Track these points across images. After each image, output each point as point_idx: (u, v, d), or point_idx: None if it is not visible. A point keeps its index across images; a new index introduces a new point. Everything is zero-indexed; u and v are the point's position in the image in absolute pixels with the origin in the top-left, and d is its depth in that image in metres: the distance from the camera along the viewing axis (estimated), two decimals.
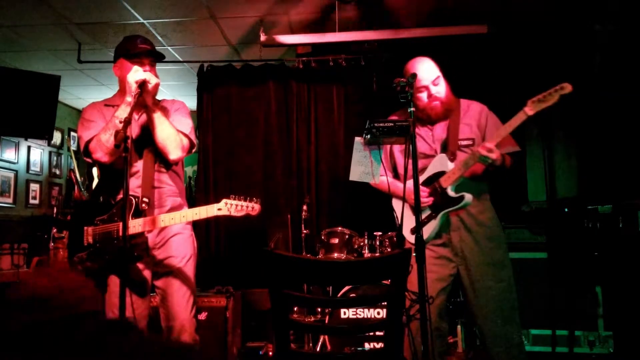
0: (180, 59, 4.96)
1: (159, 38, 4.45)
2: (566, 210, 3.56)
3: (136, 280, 2.21)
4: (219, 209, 2.08)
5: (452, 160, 2.27)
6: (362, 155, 2.32)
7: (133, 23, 4.12)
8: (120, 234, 2.08)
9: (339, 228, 3.53)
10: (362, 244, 3.50)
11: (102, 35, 4.37)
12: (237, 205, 2.08)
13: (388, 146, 2.48)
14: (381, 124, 2.06)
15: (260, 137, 4.45)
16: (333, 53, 4.33)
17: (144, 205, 2.12)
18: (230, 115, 4.51)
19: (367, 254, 3.46)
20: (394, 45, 4.21)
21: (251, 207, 2.09)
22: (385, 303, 2.28)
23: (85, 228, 2.17)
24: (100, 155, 2.11)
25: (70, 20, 4.10)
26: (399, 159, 2.46)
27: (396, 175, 2.50)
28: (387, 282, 2.35)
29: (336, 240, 3.47)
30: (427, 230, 2.27)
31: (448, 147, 2.31)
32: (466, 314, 3.37)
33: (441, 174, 2.27)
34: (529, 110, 2.11)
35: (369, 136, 2.11)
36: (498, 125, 2.34)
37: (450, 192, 2.24)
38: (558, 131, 3.91)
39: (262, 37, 4.08)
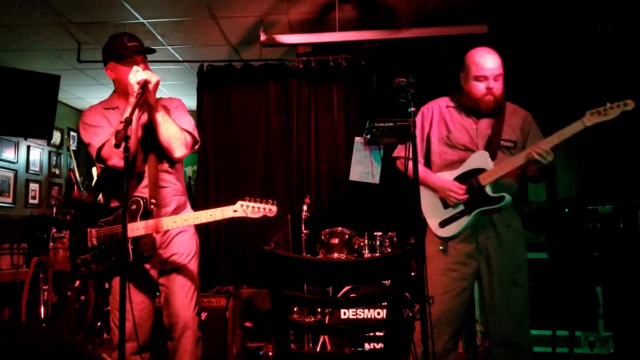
0: (180, 59, 4.96)
1: (159, 38, 4.44)
2: (566, 210, 3.55)
3: (142, 281, 2.21)
4: (235, 211, 2.05)
5: (492, 158, 2.24)
6: (362, 155, 2.32)
7: (133, 23, 4.12)
8: (129, 235, 2.07)
9: (339, 228, 3.53)
10: (362, 244, 3.50)
11: (102, 35, 4.36)
12: (253, 207, 2.05)
13: (427, 130, 2.42)
14: (381, 124, 2.06)
15: (260, 137, 4.45)
16: (333, 53, 4.33)
17: (152, 206, 2.12)
18: (230, 115, 4.50)
19: (367, 254, 3.46)
20: (394, 45, 4.20)
21: (268, 209, 2.07)
22: (385, 303, 2.28)
23: (89, 230, 2.15)
24: (116, 160, 2.07)
25: (70, 20, 4.09)
26: (435, 146, 2.39)
27: (427, 163, 2.44)
28: (387, 282, 2.34)
29: (336, 240, 3.47)
30: (458, 226, 2.24)
31: (490, 145, 2.27)
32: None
33: (480, 170, 2.24)
34: (587, 122, 2.09)
35: (369, 136, 2.11)
36: (539, 133, 2.32)
37: (489, 191, 2.22)
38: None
39: (262, 37, 4.08)
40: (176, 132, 2.16)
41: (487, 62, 2.26)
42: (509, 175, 2.24)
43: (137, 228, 2.08)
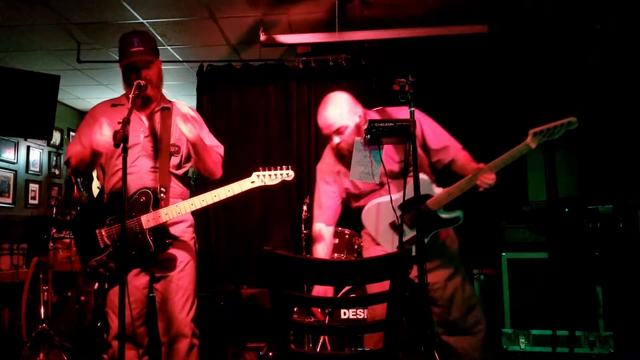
0: (180, 59, 4.95)
1: (159, 38, 4.44)
2: (567, 210, 3.55)
3: (135, 282, 2.20)
4: (252, 182, 2.16)
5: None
6: (362, 155, 2.30)
7: (132, 23, 4.11)
8: (144, 226, 2.10)
9: (339, 228, 3.52)
10: (362, 244, 3.49)
11: (101, 35, 4.36)
12: (270, 175, 2.13)
13: (339, 175, 2.45)
14: (381, 124, 2.05)
15: (260, 137, 4.44)
16: (333, 53, 4.32)
17: (161, 194, 2.12)
18: (230, 115, 4.50)
19: None
20: (394, 45, 4.20)
21: (285, 174, 2.18)
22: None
23: (98, 231, 2.15)
24: (72, 173, 2.17)
25: (69, 20, 4.09)
26: (349, 183, 2.42)
27: (348, 200, 2.50)
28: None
29: (336, 241, 3.46)
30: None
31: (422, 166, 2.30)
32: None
33: (426, 197, 2.22)
34: (532, 144, 2.06)
35: (369, 136, 2.10)
36: (434, 126, 2.36)
37: (442, 215, 2.24)
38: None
39: (262, 37, 4.07)
40: (216, 157, 2.30)
41: (319, 121, 2.41)
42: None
43: (151, 219, 2.08)
